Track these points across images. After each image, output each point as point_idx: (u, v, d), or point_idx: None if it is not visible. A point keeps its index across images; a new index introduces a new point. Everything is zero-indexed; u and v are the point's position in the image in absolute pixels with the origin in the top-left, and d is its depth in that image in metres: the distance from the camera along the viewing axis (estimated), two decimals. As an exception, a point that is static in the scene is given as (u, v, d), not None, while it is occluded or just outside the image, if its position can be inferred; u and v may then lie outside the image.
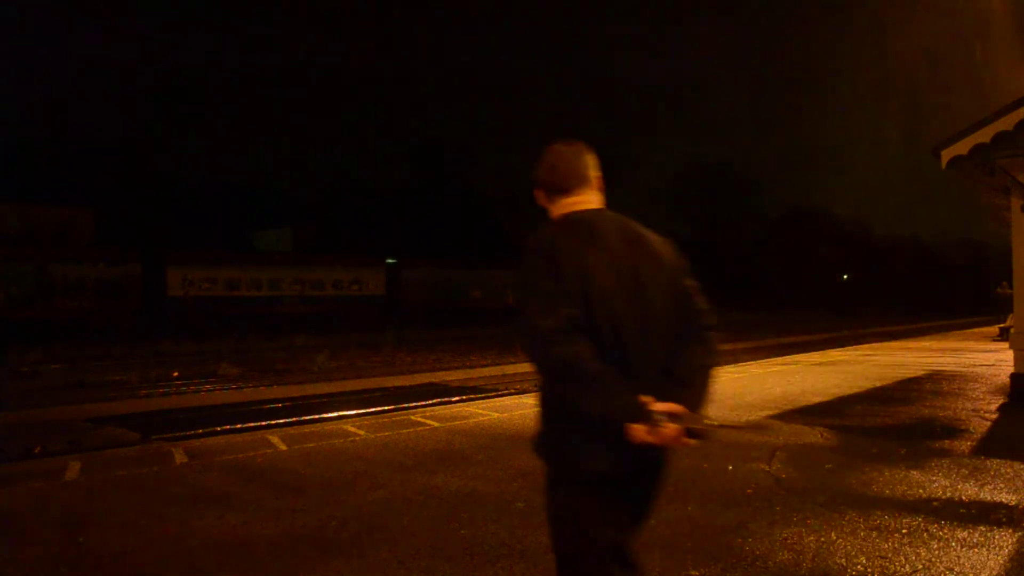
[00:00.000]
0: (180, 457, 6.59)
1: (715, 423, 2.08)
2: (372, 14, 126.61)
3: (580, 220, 2.14)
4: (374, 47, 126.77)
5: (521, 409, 9.17)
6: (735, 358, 19.80)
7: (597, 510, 2.05)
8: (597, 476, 2.01)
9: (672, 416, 1.92)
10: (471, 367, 18.87)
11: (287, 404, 12.37)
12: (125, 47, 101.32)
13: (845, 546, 4.08)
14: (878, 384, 11.36)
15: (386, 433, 7.65)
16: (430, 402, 11.60)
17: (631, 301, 2.04)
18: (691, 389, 2.06)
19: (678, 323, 2.14)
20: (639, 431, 1.90)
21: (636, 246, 2.12)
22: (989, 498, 5.00)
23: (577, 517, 2.06)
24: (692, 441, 1.95)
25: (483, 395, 12.66)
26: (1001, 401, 9.30)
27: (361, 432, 7.72)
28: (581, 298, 1.96)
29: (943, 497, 5.02)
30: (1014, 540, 4.16)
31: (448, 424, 8.16)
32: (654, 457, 2.06)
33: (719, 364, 2.22)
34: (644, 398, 1.93)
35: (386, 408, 10.74)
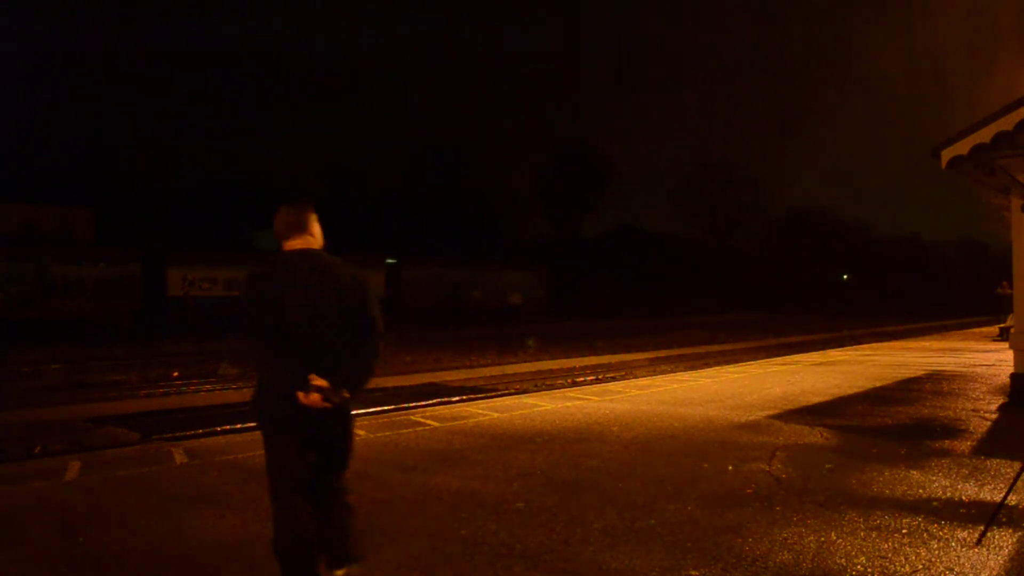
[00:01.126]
0: (180, 457, 6.59)
1: (346, 394, 3.06)
2: (372, 14, 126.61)
3: (288, 258, 3.22)
4: (374, 47, 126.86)
5: (521, 409, 9.17)
6: (735, 358, 19.81)
7: (285, 447, 3.14)
8: (281, 424, 3.11)
9: (319, 388, 2.96)
10: (471, 367, 18.87)
11: (287, 404, 12.35)
12: (125, 47, 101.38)
13: (845, 546, 4.08)
14: (878, 384, 11.36)
15: (386, 433, 7.65)
16: (430, 402, 11.59)
17: (312, 314, 3.07)
18: (345, 373, 3.06)
19: (351, 330, 3.15)
20: (300, 397, 2.95)
21: (323, 276, 3.15)
22: (989, 498, 5.00)
23: (273, 452, 3.18)
24: (328, 404, 2.99)
25: (483, 395, 12.65)
26: (1001, 401, 9.30)
27: (361, 432, 7.71)
28: (275, 312, 3.04)
29: (943, 497, 5.02)
30: (1014, 540, 4.16)
31: (448, 424, 8.16)
32: (321, 412, 3.01)
33: (379, 359, 3.24)
34: (312, 376, 2.96)
35: (386, 408, 10.72)
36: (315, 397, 2.97)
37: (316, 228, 3.33)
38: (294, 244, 3.26)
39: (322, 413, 3.01)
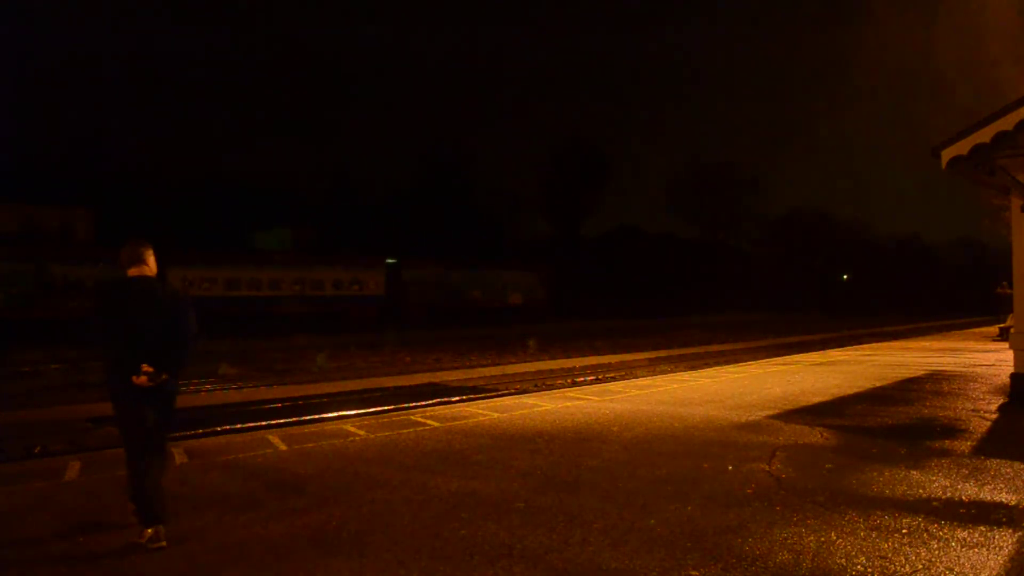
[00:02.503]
0: (180, 457, 6.59)
1: (164, 376, 4.35)
2: (372, 14, 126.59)
3: (126, 281, 4.51)
4: (374, 47, 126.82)
5: (521, 409, 9.17)
6: (735, 358, 19.82)
7: (127, 413, 4.40)
8: (122, 396, 4.37)
9: (146, 373, 4.27)
10: (471, 367, 18.87)
11: (287, 404, 12.37)
12: (125, 47, 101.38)
13: (845, 546, 4.08)
14: (878, 384, 11.36)
15: (386, 433, 7.65)
16: (430, 402, 11.60)
17: (141, 322, 4.35)
18: (165, 362, 4.35)
19: (171, 331, 4.41)
20: (135, 379, 4.25)
21: (150, 296, 4.44)
22: (989, 498, 5.00)
23: (121, 416, 4.47)
24: (152, 384, 4.29)
25: (483, 395, 12.66)
26: (1001, 401, 9.30)
27: (361, 432, 7.72)
28: (115, 318, 4.37)
29: (943, 497, 5.03)
30: (1014, 540, 4.16)
31: (448, 424, 8.16)
32: (150, 389, 4.31)
33: (191, 352, 4.56)
34: (144, 365, 4.25)
35: (386, 408, 10.74)
36: (143, 379, 4.28)
37: (151, 260, 4.60)
38: (132, 271, 4.54)
39: (150, 389, 4.34)
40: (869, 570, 3.74)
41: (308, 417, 10.27)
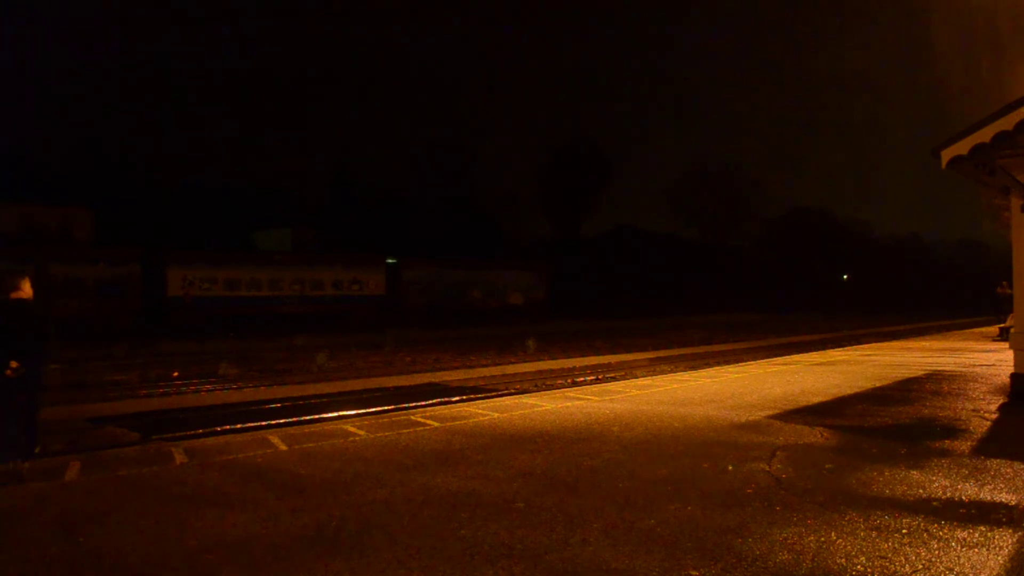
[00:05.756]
0: (180, 457, 6.59)
1: (22, 370, 6.49)
2: (372, 15, 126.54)
3: (9, 302, 6.75)
4: (375, 48, 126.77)
5: (521, 409, 9.17)
6: (735, 358, 19.81)
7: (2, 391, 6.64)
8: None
9: (11, 367, 6.49)
10: (471, 367, 18.87)
11: (287, 404, 12.36)
12: (126, 47, 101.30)
13: (845, 546, 4.08)
14: (878, 384, 11.36)
15: (386, 433, 7.65)
16: (430, 402, 11.59)
17: (16, 330, 6.67)
18: (27, 360, 6.59)
19: (33, 334, 6.72)
20: (6, 371, 6.50)
21: (23, 312, 6.77)
22: (989, 498, 5.00)
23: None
24: (12, 374, 6.49)
25: (483, 395, 12.66)
26: (1001, 401, 9.30)
27: (361, 432, 7.72)
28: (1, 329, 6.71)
29: (943, 497, 5.02)
30: (1014, 540, 4.16)
31: (448, 424, 8.16)
32: (18, 376, 6.50)
33: (49, 353, 7.02)
34: (12, 361, 6.52)
35: (386, 408, 10.73)
36: (9, 372, 6.35)
37: (26, 286, 6.77)
38: (12, 295, 6.66)
39: (16, 376, 6.44)
40: (869, 570, 3.74)
41: (308, 417, 10.26)
